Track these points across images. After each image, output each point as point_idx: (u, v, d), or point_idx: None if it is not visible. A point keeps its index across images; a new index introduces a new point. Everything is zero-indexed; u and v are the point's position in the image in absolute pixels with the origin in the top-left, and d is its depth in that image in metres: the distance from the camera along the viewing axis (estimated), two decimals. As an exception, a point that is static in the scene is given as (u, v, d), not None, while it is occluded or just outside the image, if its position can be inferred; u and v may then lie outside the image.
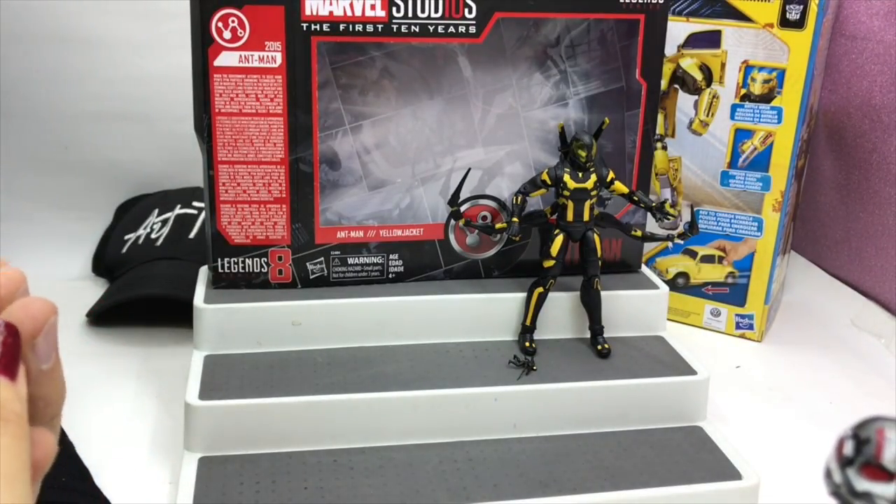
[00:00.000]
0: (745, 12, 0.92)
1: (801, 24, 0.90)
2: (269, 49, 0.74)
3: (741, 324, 1.01)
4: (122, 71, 1.11)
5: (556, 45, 0.80)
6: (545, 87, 0.81)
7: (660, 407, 0.76)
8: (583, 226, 0.78)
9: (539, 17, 0.79)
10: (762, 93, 0.93)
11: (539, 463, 0.70)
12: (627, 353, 0.80)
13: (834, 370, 0.95)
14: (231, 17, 0.73)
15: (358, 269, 0.82)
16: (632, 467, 0.70)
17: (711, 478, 0.69)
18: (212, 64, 0.74)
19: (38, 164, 1.12)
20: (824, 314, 1.08)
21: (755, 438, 0.80)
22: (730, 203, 0.98)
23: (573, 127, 0.82)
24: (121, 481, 0.70)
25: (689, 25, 0.96)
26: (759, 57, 0.93)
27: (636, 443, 0.73)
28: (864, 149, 1.10)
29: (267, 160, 0.77)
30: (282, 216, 0.79)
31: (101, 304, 0.95)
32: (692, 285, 1.02)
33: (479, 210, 0.83)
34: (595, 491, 0.67)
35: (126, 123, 1.13)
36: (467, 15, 0.77)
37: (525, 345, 0.79)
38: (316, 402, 0.70)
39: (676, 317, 1.03)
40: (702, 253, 1.01)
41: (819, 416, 0.86)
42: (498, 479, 0.68)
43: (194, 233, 1.03)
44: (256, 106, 0.75)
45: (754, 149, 0.95)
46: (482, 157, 0.82)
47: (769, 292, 0.99)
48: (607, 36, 0.81)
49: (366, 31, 0.75)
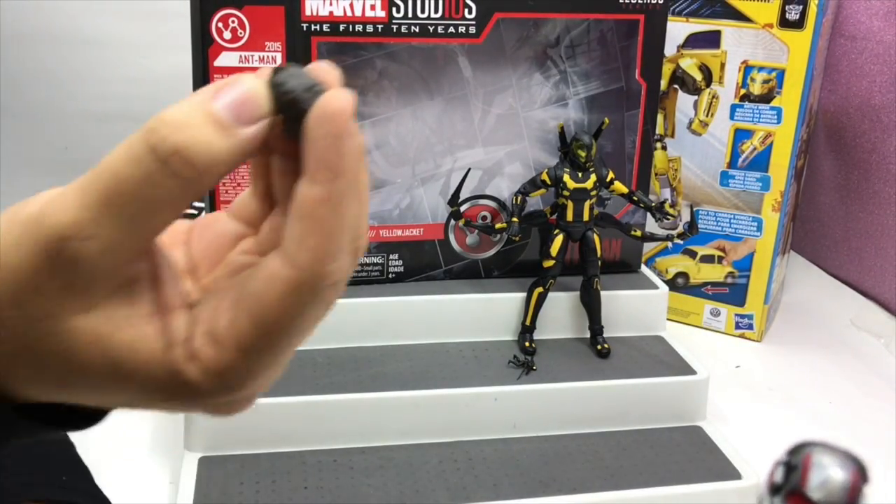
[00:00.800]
0: (745, 12, 0.93)
1: (801, 25, 0.90)
2: (269, 49, 0.74)
3: (741, 324, 1.01)
4: (122, 71, 1.11)
5: (556, 45, 0.80)
6: (545, 87, 0.81)
7: (659, 407, 0.76)
8: (582, 226, 0.79)
9: (539, 17, 0.79)
10: (762, 93, 0.93)
11: (539, 463, 0.70)
12: (627, 353, 0.80)
13: (834, 370, 0.95)
14: (231, 17, 0.73)
15: (358, 270, 0.82)
16: (631, 467, 0.70)
17: (711, 478, 0.69)
18: (212, 64, 0.74)
19: (38, 164, 1.12)
20: (824, 314, 1.08)
21: (755, 438, 0.80)
22: (729, 203, 0.98)
23: (573, 127, 0.82)
24: (121, 481, 0.70)
25: (689, 26, 0.96)
26: (759, 57, 0.93)
27: (636, 442, 0.73)
28: (864, 149, 1.10)
29: (267, 160, 0.77)
30: (282, 216, 0.79)
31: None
32: (692, 285, 1.02)
33: (478, 210, 0.83)
34: (595, 490, 0.67)
35: (126, 123, 1.12)
36: (467, 15, 0.77)
37: (525, 345, 0.79)
38: (316, 402, 0.70)
39: (676, 317, 1.03)
40: (701, 253, 1.01)
41: (819, 417, 0.86)
42: (498, 478, 0.68)
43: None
44: (256, 106, 0.75)
45: (754, 149, 0.95)
46: (482, 157, 0.82)
47: (769, 292, 0.99)
48: (607, 36, 0.81)
49: (366, 31, 0.75)
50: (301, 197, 0.29)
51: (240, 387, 0.30)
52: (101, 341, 0.29)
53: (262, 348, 0.30)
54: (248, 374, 0.30)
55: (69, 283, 0.28)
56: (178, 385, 0.29)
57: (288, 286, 0.29)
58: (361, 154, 0.30)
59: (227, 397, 0.31)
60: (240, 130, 0.29)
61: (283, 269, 0.29)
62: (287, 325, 0.30)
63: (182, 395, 0.30)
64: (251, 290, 0.29)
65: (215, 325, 0.29)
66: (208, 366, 0.29)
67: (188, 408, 0.31)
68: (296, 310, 0.29)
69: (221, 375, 0.29)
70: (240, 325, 0.29)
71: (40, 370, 0.30)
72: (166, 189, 0.28)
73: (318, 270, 0.29)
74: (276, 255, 0.29)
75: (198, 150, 0.28)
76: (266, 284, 0.29)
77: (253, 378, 0.30)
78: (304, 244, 0.28)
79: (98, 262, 0.28)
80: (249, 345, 0.29)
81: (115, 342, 0.29)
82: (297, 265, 0.29)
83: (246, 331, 0.29)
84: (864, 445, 0.84)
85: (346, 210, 0.29)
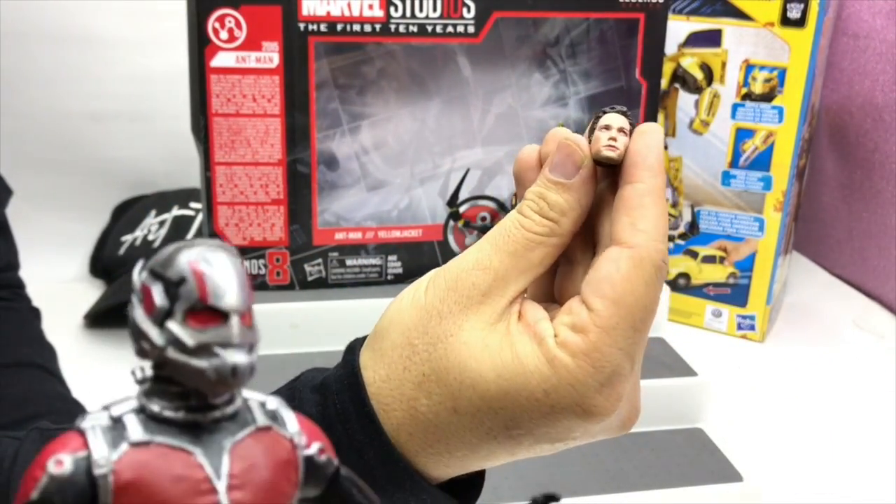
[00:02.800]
0: (746, 11, 0.92)
1: (802, 23, 0.89)
2: (266, 49, 0.74)
3: (743, 324, 1.00)
4: (119, 70, 1.11)
5: (556, 44, 0.80)
6: (545, 86, 0.81)
7: (660, 408, 0.76)
8: (583, 226, 0.78)
9: (538, 16, 0.78)
10: (763, 92, 0.93)
11: (538, 465, 0.69)
12: (628, 354, 0.80)
13: (836, 371, 0.94)
14: (227, 17, 0.72)
15: (356, 271, 0.81)
16: (632, 469, 0.69)
17: (712, 480, 0.69)
18: (208, 64, 0.73)
19: (36, 164, 1.12)
20: (826, 314, 1.07)
21: (757, 440, 0.80)
22: (731, 203, 0.97)
23: (573, 127, 0.82)
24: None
25: (690, 24, 0.95)
26: (760, 56, 0.92)
27: (637, 445, 0.73)
28: (866, 148, 1.09)
29: (264, 161, 0.77)
30: (279, 218, 0.78)
31: (99, 306, 0.95)
32: (693, 286, 1.02)
33: (478, 211, 0.83)
34: (595, 493, 0.66)
35: (124, 123, 1.12)
36: (466, 14, 0.76)
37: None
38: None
39: (677, 317, 1.02)
40: (703, 253, 1.01)
41: (821, 418, 0.85)
42: (497, 481, 0.67)
43: (192, 234, 1.02)
44: (253, 107, 0.75)
45: (755, 148, 0.95)
46: (481, 157, 0.81)
47: (771, 293, 0.98)
48: (607, 35, 0.80)
49: (364, 30, 0.75)
50: (627, 193, 0.35)
51: (610, 368, 0.34)
52: (489, 348, 0.35)
53: (618, 324, 0.34)
54: (613, 354, 0.34)
55: (467, 306, 0.36)
56: (557, 379, 0.34)
57: (631, 261, 0.34)
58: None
59: (603, 385, 0.34)
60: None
61: (624, 250, 0.34)
62: (635, 300, 0.34)
63: (563, 393, 0.34)
64: (598, 277, 0.34)
65: (574, 318, 0.34)
66: (576, 350, 0.34)
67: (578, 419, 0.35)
68: (640, 282, 0.34)
69: (589, 356, 0.34)
70: (595, 308, 0.34)
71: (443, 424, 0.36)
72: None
73: (653, 246, 0.34)
74: (611, 247, 0.35)
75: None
76: (612, 265, 0.34)
77: (618, 359, 0.34)
78: (637, 227, 0.34)
79: (490, 287, 0.36)
80: (607, 323, 0.34)
81: (497, 347, 0.35)
82: (635, 244, 0.34)
83: (601, 310, 0.34)
84: (867, 447, 0.84)
85: (663, 202, 0.35)
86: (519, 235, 0.37)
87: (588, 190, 0.37)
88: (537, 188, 0.38)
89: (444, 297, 0.37)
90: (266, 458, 0.25)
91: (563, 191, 0.37)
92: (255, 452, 0.24)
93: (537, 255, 0.37)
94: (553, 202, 0.37)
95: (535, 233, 0.37)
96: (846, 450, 0.80)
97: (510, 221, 0.38)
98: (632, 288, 0.34)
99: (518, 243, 0.37)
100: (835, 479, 0.76)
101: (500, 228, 0.38)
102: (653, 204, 0.35)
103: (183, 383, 0.24)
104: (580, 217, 0.37)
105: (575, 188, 0.37)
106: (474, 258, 0.37)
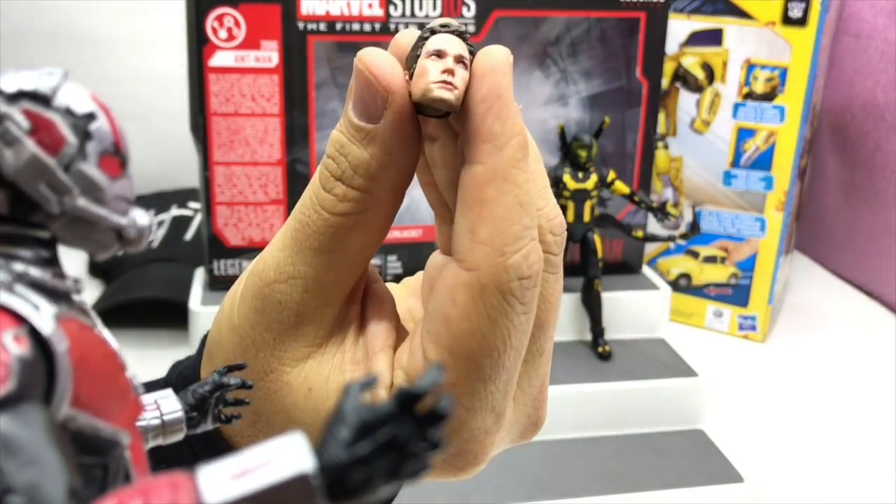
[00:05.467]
0: (747, 10, 0.92)
1: (804, 22, 0.89)
2: (265, 49, 0.73)
3: (744, 325, 1.00)
4: (118, 70, 1.11)
5: (556, 43, 0.79)
6: (545, 85, 0.80)
7: (661, 409, 0.75)
8: (583, 226, 0.78)
9: (538, 15, 0.78)
10: (764, 91, 0.93)
11: (539, 466, 0.69)
12: (628, 354, 0.79)
13: (838, 372, 0.94)
14: (226, 16, 0.72)
15: (356, 271, 0.81)
16: (633, 470, 0.69)
17: (713, 480, 0.68)
18: (207, 64, 0.73)
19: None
20: (828, 315, 1.07)
21: (757, 441, 0.79)
22: (732, 203, 0.97)
23: (573, 126, 0.82)
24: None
25: (691, 23, 0.95)
26: (762, 55, 0.92)
27: (637, 446, 0.73)
28: (868, 147, 1.09)
29: (263, 161, 0.76)
30: (279, 218, 0.78)
31: (97, 306, 0.95)
32: (694, 286, 1.01)
33: (478, 210, 0.82)
34: (596, 494, 0.66)
35: (122, 123, 1.12)
36: (466, 13, 0.76)
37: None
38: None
39: (678, 318, 1.02)
40: (704, 253, 1.00)
41: (822, 419, 0.85)
42: (498, 482, 0.67)
43: (190, 235, 1.02)
44: (252, 106, 0.75)
45: (757, 148, 0.94)
46: (481, 157, 0.81)
47: (772, 293, 0.98)
48: (608, 34, 0.80)
49: (363, 30, 0.74)
50: (464, 181, 0.25)
51: (465, 433, 0.27)
52: (313, 395, 0.28)
53: (458, 381, 0.26)
54: (460, 417, 0.26)
55: (280, 332, 0.28)
56: None
57: (469, 291, 0.25)
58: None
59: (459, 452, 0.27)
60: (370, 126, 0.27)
61: (459, 274, 0.25)
62: (477, 344, 0.25)
63: None
64: (434, 311, 0.26)
65: (411, 365, 0.27)
66: None
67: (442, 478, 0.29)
68: (482, 318, 0.25)
69: None
70: (430, 358, 0.26)
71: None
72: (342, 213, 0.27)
73: (497, 266, 0.24)
74: (451, 261, 0.26)
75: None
76: (447, 297, 0.25)
77: (467, 419, 0.27)
78: (476, 237, 0.24)
79: (302, 303, 0.27)
80: (444, 380, 0.25)
81: (323, 394, 0.28)
82: (472, 265, 0.25)
83: (441, 358, 0.26)
84: (868, 448, 0.84)
85: (516, 187, 0.25)
86: (320, 223, 0.27)
87: (404, 139, 0.26)
88: (338, 134, 0.27)
89: (253, 320, 0.28)
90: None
91: (368, 142, 0.26)
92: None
93: (354, 242, 0.27)
94: (356, 160, 0.26)
95: (339, 214, 0.26)
96: (847, 451, 0.80)
97: (308, 199, 0.27)
98: (471, 328, 0.25)
99: (322, 234, 0.27)
100: (835, 479, 0.76)
101: (300, 212, 0.28)
102: (497, 197, 0.24)
103: (68, 242, 0.19)
104: (400, 178, 0.27)
105: (383, 138, 0.26)
106: (274, 263, 0.28)
